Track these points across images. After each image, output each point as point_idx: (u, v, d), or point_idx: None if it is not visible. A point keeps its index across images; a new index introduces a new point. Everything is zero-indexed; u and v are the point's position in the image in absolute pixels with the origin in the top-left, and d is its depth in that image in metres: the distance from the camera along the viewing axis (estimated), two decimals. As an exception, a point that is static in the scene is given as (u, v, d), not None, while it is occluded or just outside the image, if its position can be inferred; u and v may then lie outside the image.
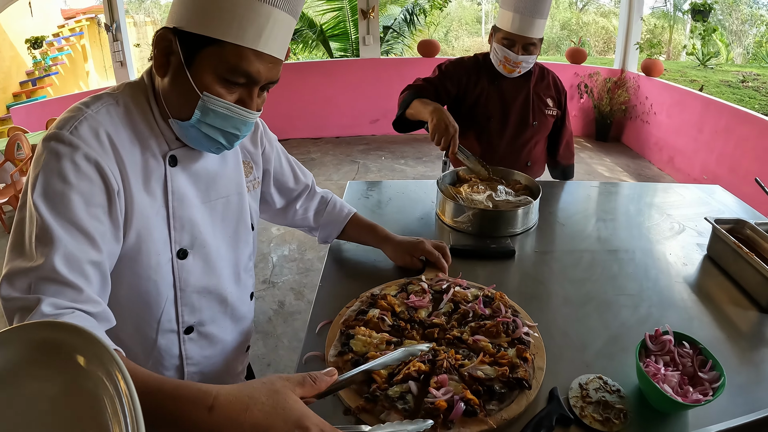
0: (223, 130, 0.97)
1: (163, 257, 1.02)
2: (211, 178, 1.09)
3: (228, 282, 1.17)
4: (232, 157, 1.15)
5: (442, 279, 1.39)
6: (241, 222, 1.18)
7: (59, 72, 8.73)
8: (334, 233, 1.56)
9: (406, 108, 2.11)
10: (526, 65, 2.08)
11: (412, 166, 5.95)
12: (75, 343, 0.63)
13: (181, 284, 1.06)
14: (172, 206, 1.01)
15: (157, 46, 0.93)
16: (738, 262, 1.49)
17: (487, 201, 1.81)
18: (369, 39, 6.81)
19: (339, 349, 1.12)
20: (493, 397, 1.00)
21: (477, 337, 1.14)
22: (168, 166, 1.00)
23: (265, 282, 3.71)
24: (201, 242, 1.07)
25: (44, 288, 0.79)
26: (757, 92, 7.65)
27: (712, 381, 1.03)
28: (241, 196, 1.17)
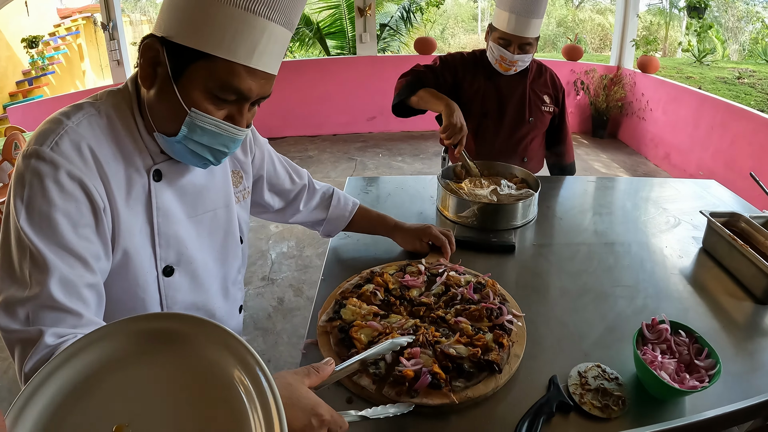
0: (210, 147, 0.93)
1: (149, 275, 0.98)
2: (198, 192, 1.05)
3: (216, 297, 1.15)
4: (220, 169, 1.11)
5: (441, 264, 1.43)
6: (229, 235, 1.15)
7: (56, 71, 8.70)
8: (340, 226, 1.55)
9: (410, 94, 2.12)
10: (522, 64, 2.10)
11: (409, 163, 5.96)
12: (192, 331, 0.67)
13: (168, 302, 1.03)
14: (157, 223, 0.97)
15: (144, 56, 0.87)
16: (733, 255, 1.51)
17: (491, 195, 1.84)
18: (366, 36, 6.80)
19: (330, 316, 1.21)
20: (461, 375, 1.04)
21: (459, 319, 1.19)
22: (152, 181, 0.96)
23: (264, 279, 3.71)
24: (187, 258, 1.04)
25: (44, 317, 0.78)
26: (753, 89, 7.67)
27: (708, 368, 1.05)
28: (229, 208, 1.13)
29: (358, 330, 1.13)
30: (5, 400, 2.60)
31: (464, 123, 1.92)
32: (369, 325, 1.14)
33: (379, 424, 0.98)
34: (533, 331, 1.25)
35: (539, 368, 1.13)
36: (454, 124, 1.89)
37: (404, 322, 1.18)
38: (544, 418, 0.97)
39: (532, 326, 1.27)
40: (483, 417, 1.01)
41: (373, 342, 1.10)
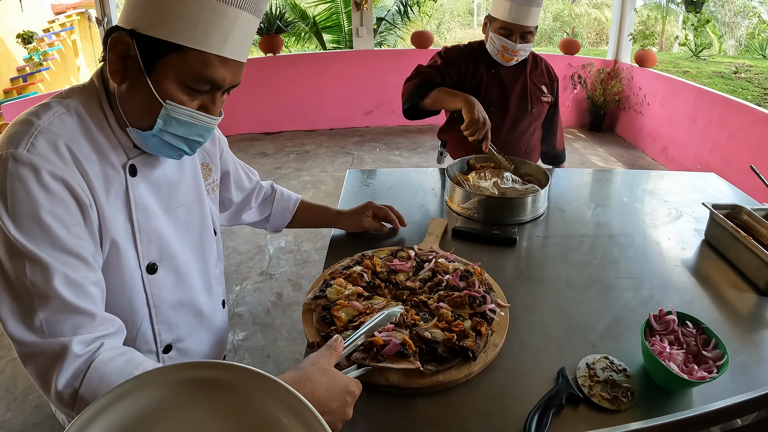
0: (186, 138, 0.92)
1: (134, 273, 0.97)
2: (172, 186, 1.04)
3: (200, 293, 1.14)
4: (189, 162, 1.10)
5: (432, 251, 1.45)
6: (204, 229, 1.14)
7: (50, 67, 8.62)
8: (285, 220, 1.57)
9: (422, 96, 2.09)
10: (523, 53, 2.09)
11: (406, 157, 5.94)
12: (239, 380, 0.67)
13: (154, 300, 1.01)
14: (137, 219, 0.95)
15: (112, 50, 0.84)
16: (736, 246, 1.51)
17: (493, 188, 1.83)
18: (362, 30, 6.77)
19: (316, 294, 1.25)
20: (434, 359, 1.06)
21: (440, 304, 1.20)
22: (128, 177, 0.94)
23: (262, 274, 3.69)
24: (169, 254, 1.02)
25: (61, 325, 0.77)
26: (749, 83, 7.68)
27: (716, 359, 1.05)
28: (201, 201, 1.12)
29: (339, 309, 1.17)
30: (2, 399, 2.60)
31: (486, 116, 1.90)
32: (351, 305, 1.18)
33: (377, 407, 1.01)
34: (540, 323, 1.25)
35: (547, 360, 1.12)
36: (477, 119, 1.87)
37: (386, 304, 1.20)
38: (554, 410, 0.97)
39: (539, 318, 1.27)
40: (492, 409, 1.01)
41: (353, 321, 1.14)
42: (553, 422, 0.95)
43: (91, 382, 0.75)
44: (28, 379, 2.69)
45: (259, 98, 6.65)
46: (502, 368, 1.11)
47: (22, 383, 2.71)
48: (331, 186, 5.15)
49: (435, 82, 2.10)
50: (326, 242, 3.96)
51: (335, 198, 4.83)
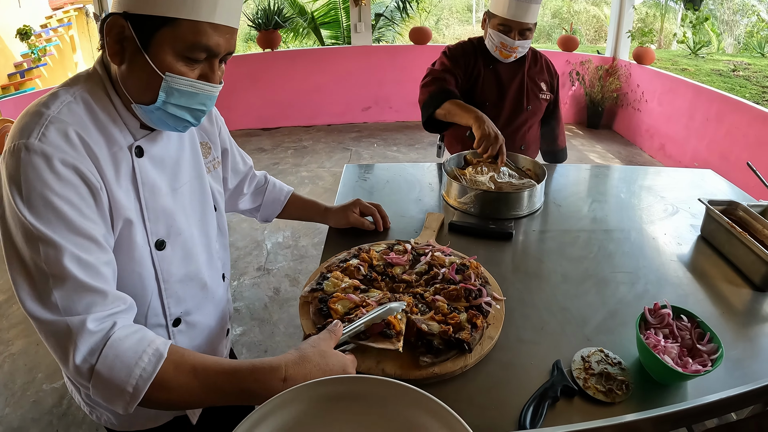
0: (189, 108, 0.94)
1: (143, 250, 1.00)
2: (175, 164, 1.07)
3: (205, 266, 1.16)
4: (188, 141, 1.12)
5: (429, 245, 1.45)
6: (206, 205, 1.16)
7: (48, 63, 8.58)
8: (275, 211, 1.58)
9: (436, 107, 2.07)
10: (522, 50, 2.08)
11: (404, 153, 5.95)
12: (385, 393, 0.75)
13: (163, 275, 1.04)
14: (144, 198, 0.98)
15: (109, 34, 0.87)
16: (732, 242, 1.51)
17: (490, 182, 1.83)
18: (361, 26, 6.76)
19: (313, 287, 1.26)
20: (430, 351, 1.06)
21: (436, 297, 1.21)
22: (135, 158, 0.97)
23: (259, 269, 3.70)
24: (176, 231, 1.06)
25: (76, 303, 0.80)
26: (748, 81, 7.69)
27: (711, 353, 1.05)
28: (202, 178, 1.15)
29: (336, 301, 1.18)
30: (0, 395, 2.60)
31: (498, 132, 1.88)
32: (347, 297, 1.18)
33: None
34: (536, 317, 1.26)
35: (543, 353, 1.13)
36: (488, 134, 1.85)
37: (382, 296, 1.21)
38: (549, 402, 0.97)
39: (535, 311, 1.28)
40: (488, 401, 1.01)
41: (349, 313, 1.15)
42: (548, 414, 0.96)
43: (107, 359, 0.79)
44: (26, 374, 2.71)
45: (256, 94, 6.64)
46: (497, 361, 1.11)
47: (20, 379, 2.71)
48: (328, 181, 5.15)
49: (450, 91, 2.08)
50: (324, 237, 3.97)
51: (333, 193, 4.82)
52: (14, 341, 3.00)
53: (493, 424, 0.95)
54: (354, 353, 1.05)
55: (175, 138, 1.07)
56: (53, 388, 2.65)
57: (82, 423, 2.44)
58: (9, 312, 3.26)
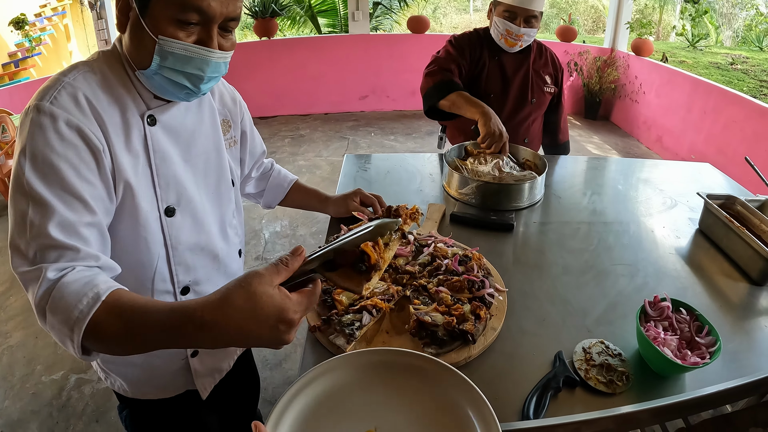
0: (185, 72, 0.95)
1: (151, 215, 1.03)
2: (190, 136, 1.10)
3: (217, 238, 1.18)
4: (209, 114, 1.15)
5: (431, 236, 1.45)
6: (222, 178, 1.19)
7: (42, 53, 8.48)
8: (278, 198, 1.60)
9: (441, 97, 2.07)
10: (527, 38, 2.07)
11: (401, 142, 5.94)
12: (428, 367, 0.88)
13: (172, 242, 1.07)
14: (155, 165, 1.02)
15: (117, 6, 0.93)
16: (729, 236, 1.52)
17: (493, 170, 1.84)
18: (358, 15, 6.72)
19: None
20: (434, 342, 1.07)
21: (440, 288, 1.21)
22: (147, 126, 1.00)
23: (257, 258, 3.70)
24: (187, 199, 1.08)
25: (46, 256, 0.83)
26: (746, 75, 7.69)
27: (709, 345, 1.07)
28: (220, 152, 1.17)
29: (340, 292, 1.18)
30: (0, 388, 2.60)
31: (503, 129, 1.88)
32: None
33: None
34: (538, 308, 1.27)
35: (544, 344, 1.14)
36: (493, 132, 1.85)
37: (387, 288, 1.21)
38: (552, 392, 0.98)
39: (536, 303, 1.29)
40: (491, 391, 1.01)
41: (354, 305, 1.15)
42: (550, 404, 0.97)
43: (54, 300, 0.79)
44: (25, 366, 2.70)
45: (253, 82, 6.60)
46: (500, 352, 1.12)
47: (18, 371, 2.70)
48: (326, 171, 5.14)
49: (455, 83, 2.08)
50: (322, 227, 3.99)
51: (331, 182, 4.82)
52: (12, 333, 2.99)
53: (496, 414, 0.96)
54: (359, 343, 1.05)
55: (194, 111, 1.11)
56: (52, 380, 2.65)
57: (82, 414, 2.44)
58: (6, 304, 3.25)
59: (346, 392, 0.85)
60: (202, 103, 1.13)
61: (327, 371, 0.87)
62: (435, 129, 6.21)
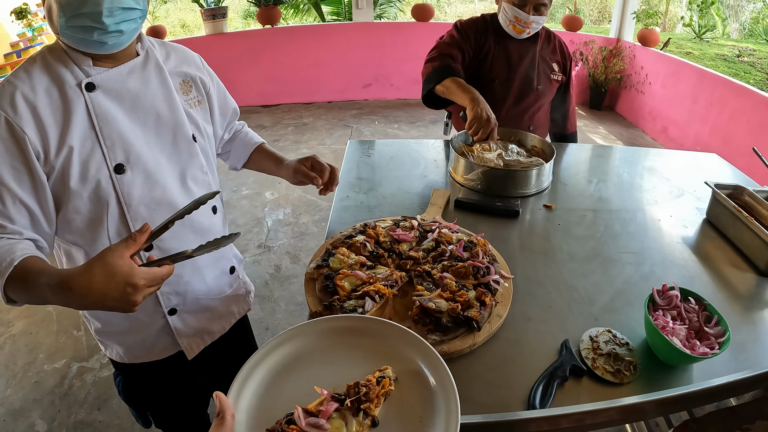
0: (84, 14, 0.98)
1: (102, 174, 1.09)
2: (135, 97, 1.14)
3: (176, 193, 1.20)
4: (155, 74, 1.18)
5: (435, 221, 1.44)
6: (179, 135, 1.21)
7: (44, 42, 8.45)
8: (242, 159, 1.59)
9: (436, 83, 2.04)
10: (536, 26, 2.04)
11: (405, 131, 5.90)
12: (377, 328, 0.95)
13: (125, 198, 1.12)
14: (99, 127, 1.08)
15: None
16: (737, 226, 1.51)
17: (498, 159, 1.81)
18: (362, 2, 6.67)
19: (318, 263, 1.26)
20: (438, 329, 1.06)
21: (444, 275, 1.19)
22: (87, 93, 1.07)
23: (260, 246, 3.69)
24: (136, 156, 1.13)
25: None
26: (752, 67, 7.61)
27: (718, 336, 1.05)
28: (174, 110, 1.20)
29: (342, 278, 1.17)
30: (1, 376, 2.61)
31: (492, 115, 1.84)
32: (354, 274, 1.17)
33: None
34: (543, 295, 1.25)
35: (550, 332, 1.13)
36: (479, 116, 1.81)
37: (390, 273, 1.19)
38: (558, 381, 0.97)
39: (542, 290, 1.27)
40: (496, 379, 1.01)
41: (356, 290, 1.14)
42: (556, 393, 0.96)
43: None
44: (27, 355, 2.71)
45: (256, 71, 6.56)
46: (505, 339, 1.11)
47: (21, 360, 2.71)
48: (329, 158, 5.06)
49: (452, 68, 2.04)
50: (324, 214, 3.98)
51: (333, 171, 4.80)
52: (14, 322, 3.00)
53: (501, 403, 0.95)
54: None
55: (137, 72, 1.15)
56: (54, 369, 2.65)
57: (84, 402, 2.44)
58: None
59: (305, 358, 0.92)
60: (147, 65, 1.17)
61: (284, 341, 0.93)
62: (439, 117, 6.17)
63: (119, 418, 2.35)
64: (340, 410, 0.80)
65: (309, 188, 4.49)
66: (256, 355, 0.90)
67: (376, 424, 0.81)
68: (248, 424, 0.81)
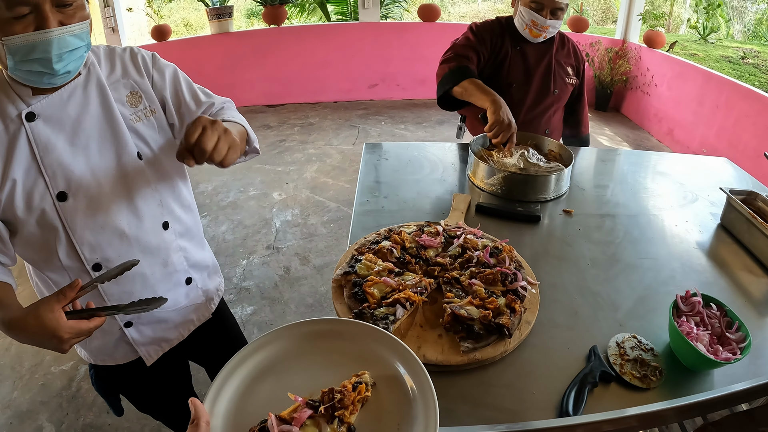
0: (35, 59, 0.99)
1: (46, 203, 1.11)
2: (75, 122, 1.13)
3: (121, 215, 1.20)
4: (97, 95, 1.16)
5: (459, 227, 1.44)
6: (123, 155, 1.19)
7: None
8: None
9: (454, 83, 2.04)
10: (552, 30, 2.05)
11: (412, 131, 5.91)
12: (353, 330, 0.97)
13: (69, 225, 1.14)
14: (40, 157, 1.09)
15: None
16: (752, 232, 1.52)
17: (518, 162, 1.83)
18: (368, 2, 6.67)
19: (345, 270, 1.25)
20: (470, 336, 1.06)
21: (473, 281, 1.20)
22: (27, 123, 1.07)
23: (269, 248, 3.70)
24: (77, 182, 1.13)
25: None
26: (757, 69, 7.60)
27: (739, 341, 1.07)
28: (116, 130, 1.18)
29: (371, 285, 1.17)
30: (8, 378, 2.60)
31: (512, 119, 1.85)
32: (383, 281, 1.18)
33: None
34: (569, 301, 1.27)
35: (577, 338, 1.15)
36: (501, 120, 1.82)
37: (419, 280, 1.20)
38: (589, 387, 0.99)
39: (566, 296, 1.29)
40: (527, 385, 1.03)
41: (386, 297, 1.14)
42: (587, 399, 0.98)
43: None
44: (33, 357, 2.70)
45: (262, 70, 6.57)
46: (534, 346, 1.12)
47: (27, 361, 2.70)
48: (336, 159, 5.12)
49: (470, 70, 2.05)
50: (333, 215, 4.00)
51: (341, 171, 4.82)
52: None
53: (534, 409, 0.97)
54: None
55: (78, 95, 1.13)
56: (62, 371, 2.65)
57: (93, 405, 2.44)
58: (16, 291, 3.26)
59: (283, 363, 0.93)
60: (89, 85, 1.15)
61: (262, 345, 0.95)
62: (446, 119, 6.18)
63: (128, 421, 2.34)
64: (315, 417, 0.81)
65: (317, 189, 4.50)
66: (234, 360, 0.92)
67: (353, 431, 0.81)
68: (224, 430, 0.82)
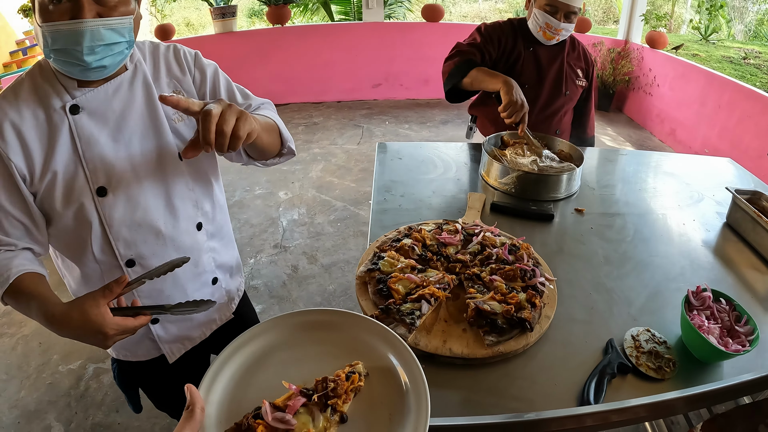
0: (65, 50, 0.99)
1: (85, 196, 1.11)
2: (120, 117, 1.13)
3: (158, 214, 1.20)
4: (142, 92, 1.17)
5: (477, 225, 1.49)
6: (164, 154, 1.19)
7: (50, 41, 8.45)
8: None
9: (462, 76, 2.09)
10: (565, 33, 2.10)
11: (416, 131, 5.96)
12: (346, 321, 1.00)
13: (107, 220, 1.15)
14: (81, 150, 1.09)
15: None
16: (757, 231, 1.57)
17: (532, 165, 1.88)
18: (372, 2, 6.70)
19: (368, 267, 1.28)
20: (494, 330, 1.11)
21: (494, 277, 1.24)
22: (71, 116, 1.08)
23: (276, 246, 3.73)
24: (118, 178, 1.13)
25: None
26: (758, 70, 7.65)
27: (747, 334, 1.13)
28: (159, 129, 1.18)
29: (396, 281, 1.20)
30: (15, 378, 2.60)
31: (524, 99, 1.90)
32: (407, 278, 1.21)
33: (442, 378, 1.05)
34: (585, 297, 1.32)
35: (594, 332, 1.19)
36: (515, 101, 1.87)
37: (441, 276, 1.23)
38: (608, 378, 1.04)
39: (582, 292, 1.34)
40: (549, 378, 1.08)
41: (410, 293, 1.18)
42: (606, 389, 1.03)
43: None
44: (40, 356, 2.68)
45: (265, 70, 6.61)
46: (554, 339, 1.17)
47: (34, 361, 2.69)
48: (341, 158, 5.16)
49: (475, 62, 2.10)
50: (340, 215, 4.04)
51: (346, 170, 4.86)
52: (27, 322, 2.97)
53: (556, 400, 1.02)
54: (419, 332, 1.10)
55: (123, 91, 1.14)
56: (69, 370, 2.64)
57: (102, 404, 2.43)
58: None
59: (277, 352, 0.95)
60: (135, 81, 1.16)
61: (257, 335, 0.97)
62: (449, 118, 6.23)
63: (138, 419, 2.34)
64: (308, 405, 0.82)
65: (323, 188, 4.54)
66: (229, 348, 0.94)
67: (345, 420, 0.83)
68: (218, 417, 0.83)
